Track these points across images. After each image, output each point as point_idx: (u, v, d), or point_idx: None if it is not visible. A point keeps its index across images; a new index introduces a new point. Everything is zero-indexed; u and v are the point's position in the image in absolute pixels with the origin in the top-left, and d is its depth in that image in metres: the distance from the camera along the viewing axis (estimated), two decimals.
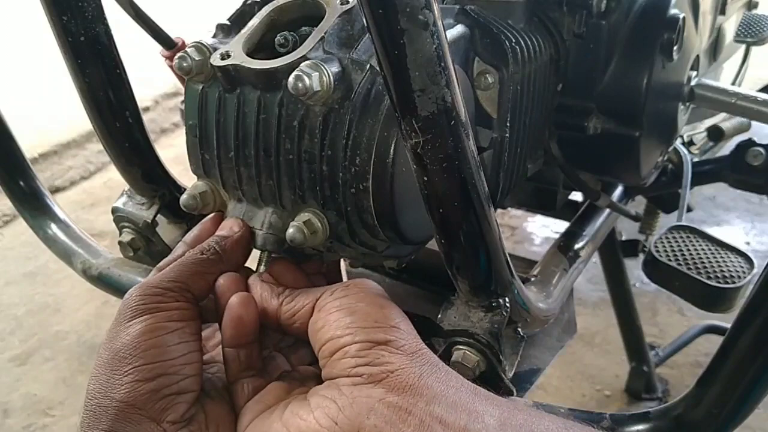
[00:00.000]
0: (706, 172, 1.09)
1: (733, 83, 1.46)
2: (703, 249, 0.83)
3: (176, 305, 0.50)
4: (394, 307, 0.50)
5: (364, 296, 0.50)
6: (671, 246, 0.84)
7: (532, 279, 0.76)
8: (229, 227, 0.57)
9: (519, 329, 0.59)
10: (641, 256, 1.39)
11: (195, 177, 0.61)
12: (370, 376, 0.44)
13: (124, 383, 0.46)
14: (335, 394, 0.44)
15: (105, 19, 0.67)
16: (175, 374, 0.48)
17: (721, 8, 1.12)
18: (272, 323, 0.53)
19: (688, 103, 0.92)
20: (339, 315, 0.48)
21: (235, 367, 0.51)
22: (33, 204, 0.90)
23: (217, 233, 0.57)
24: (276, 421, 0.46)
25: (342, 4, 0.53)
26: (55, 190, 2.86)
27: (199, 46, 0.55)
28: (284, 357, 0.56)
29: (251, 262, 0.58)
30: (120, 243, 0.78)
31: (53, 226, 0.88)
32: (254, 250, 0.58)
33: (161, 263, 0.56)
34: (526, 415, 0.45)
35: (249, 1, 0.60)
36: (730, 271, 0.79)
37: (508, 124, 0.67)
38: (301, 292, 0.53)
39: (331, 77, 0.49)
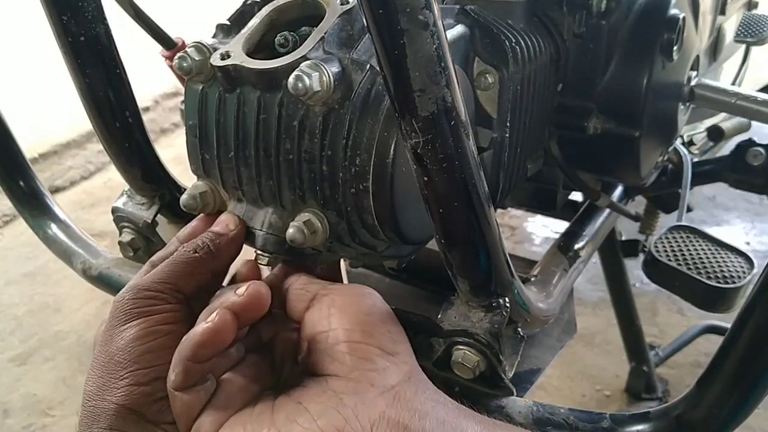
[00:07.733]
0: (706, 172, 1.09)
1: (733, 83, 1.46)
2: (703, 249, 0.83)
3: (168, 308, 0.50)
4: (398, 324, 0.52)
5: (376, 301, 0.51)
6: (671, 246, 0.84)
7: (532, 279, 0.76)
8: (225, 224, 0.57)
9: (519, 329, 0.59)
10: (641, 256, 1.39)
11: (195, 177, 0.61)
12: (372, 387, 0.45)
13: (121, 387, 0.47)
14: (337, 404, 0.44)
15: (105, 19, 0.67)
16: None
17: (721, 8, 1.12)
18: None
19: (688, 103, 0.92)
20: (351, 313, 0.49)
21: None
22: (33, 204, 0.89)
23: (212, 229, 0.57)
24: (264, 426, 0.45)
25: (342, 4, 0.53)
26: (55, 190, 2.85)
27: (199, 46, 0.55)
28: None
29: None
30: (120, 243, 0.78)
31: (53, 226, 0.88)
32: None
33: (154, 258, 0.56)
34: (504, 431, 0.48)
35: (249, 1, 0.60)
36: (730, 271, 0.79)
37: (508, 124, 0.67)
38: (312, 281, 0.54)
39: (331, 77, 0.49)
